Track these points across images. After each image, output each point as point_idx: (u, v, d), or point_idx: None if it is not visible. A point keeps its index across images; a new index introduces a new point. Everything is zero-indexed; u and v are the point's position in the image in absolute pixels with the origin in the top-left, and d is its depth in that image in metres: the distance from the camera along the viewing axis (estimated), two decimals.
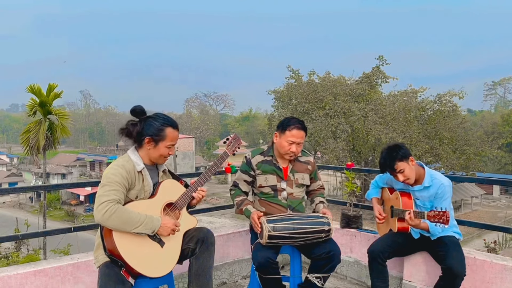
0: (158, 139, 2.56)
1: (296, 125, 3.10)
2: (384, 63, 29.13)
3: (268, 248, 2.88)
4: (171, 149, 2.62)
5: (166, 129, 2.57)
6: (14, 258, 15.62)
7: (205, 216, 4.59)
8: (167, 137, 2.57)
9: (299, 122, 3.14)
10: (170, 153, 2.62)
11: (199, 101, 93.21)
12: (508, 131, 49.98)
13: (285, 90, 30.81)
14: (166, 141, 2.57)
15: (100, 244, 2.49)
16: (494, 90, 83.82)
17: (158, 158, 2.61)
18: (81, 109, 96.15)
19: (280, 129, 3.14)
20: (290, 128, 3.08)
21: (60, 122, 19.72)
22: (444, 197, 2.98)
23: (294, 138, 3.07)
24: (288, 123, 3.12)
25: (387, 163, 3.01)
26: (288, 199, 3.17)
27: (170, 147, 2.60)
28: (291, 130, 3.08)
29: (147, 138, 2.55)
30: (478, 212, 35.63)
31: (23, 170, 55.50)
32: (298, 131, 3.08)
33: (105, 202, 2.33)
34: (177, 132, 2.64)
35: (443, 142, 27.60)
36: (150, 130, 2.55)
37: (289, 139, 3.07)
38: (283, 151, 3.11)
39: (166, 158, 2.65)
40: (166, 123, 2.59)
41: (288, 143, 3.08)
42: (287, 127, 3.10)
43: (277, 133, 3.17)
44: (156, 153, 2.58)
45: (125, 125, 2.59)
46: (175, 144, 2.65)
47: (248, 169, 3.23)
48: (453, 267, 2.83)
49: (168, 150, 2.61)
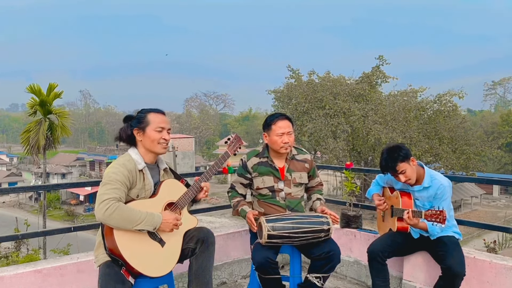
0: (143, 126, 2.57)
1: (279, 117, 3.13)
2: (384, 63, 29.14)
3: (267, 248, 2.88)
4: (162, 132, 2.58)
5: (148, 114, 2.60)
6: (13, 258, 15.61)
7: (205, 216, 4.59)
8: (151, 121, 2.58)
9: (281, 114, 3.18)
10: (164, 138, 2.59)
11: (199, 100, 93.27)
12: (508, 131, 49.99)
13: (285, 90, 30.80)
14: (152, 125, 2.57)
15: (100, 243, 2.49)
16: (494, 90, 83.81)
17: (152, 145, 2.58)
18: (81, 109, 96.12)
19: (266, 128, 3.15)
20: (274, 121, 3.11)
21: (60, 121, 19.72)
22: (444, 197, 2.98)
23: (282, 129, 3.07)
24: (271, 118, 3.16)
25: (389, 164, 3.00)
26: (287, 199, 3.16)
27: (159, 130, 2.58)
28: (276, 123, 3.10)
29: (135, 130, 2.58)
30: (478, 212, 35.65)
31: (23, 169, 55.49)
32: (282, 121, 3.10)
33: (106, 200, 2.33)
34: (162, 115, 2.62)
35: (443, 142, 27.61)
36: (134, 122, 2.60)
37: (278, 131, 3.08)
38: (277, 146, 3.10)
39: (162, 145, 2.60)
40: (146, 110, 2.63)
41: (279, 136, 3.07)
42: (271, 122, 3.12)
43: (265, 133, 3.17)
44: (147, 140, 2.57)
45: (118, 133, 2.65)
46: (166, 128, 2.60)
47: (244, 172, 3.23)
48: (453, 267, 2.84)
49: (159, 134, 2.58)
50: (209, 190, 2.83)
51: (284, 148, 3.10)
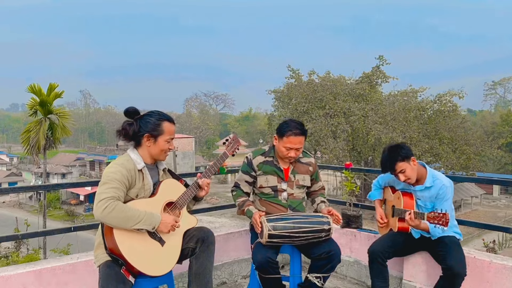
0: (156, 134, 2.57)
1: (294, 131, 3.01)
2: (384, 63, 29.14)
3: (268, 247, 2.88)
4: (170, 143, 2.62)
5: (163, 123, 2.59)
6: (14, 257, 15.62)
7: (205, 216, 4.59)
8: (165, 131, 2.59)
9: (297, 127, 3.04)
10: (170, 148, 2.63)
11: (199, 100, 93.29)
12: (508, 131, 49.98)
13: (285, 90, 30.81)
14: (164, 135, 2.58)
15: (100, 243, 2.49)
16: (494, 90, 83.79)
17: (159, 154, 2.61)
18: (81, 108, 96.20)
19: (278, 134, 3.11)
20: (287, 134, 3.02)
21: (61, 121, 19.71)
22: (445, 197, 2.97)
23: (291, 145, 3.03)
24: (286, 128, 3.05)
25: (388, 163, 3.00)
26: (289, 199, 3.16)
27: (169, 141, 2.61)
28: (288, 137, 3.02)
29: (146, 135, 2.56)
30: (478, 212, 35.63)
31: (23, 169, 55.51)
32: (295, 137, 3.02)
33: (104, 199, 2.33)
34: (174, 126, 2.66)
35: (443, 142, 27.61)
36: (147, 127, 2.56)
37: (287, 145, 3.04)
38: (282, 156, 3.12)
39: (166, 154, 2.65)
40: (162, 118, 2.60)
41: (286, 149, 3.05)
42: (284, 133, 3.04)
43: (276, 136, 3.15)
44: (157, 149, 2.59)
45: (122, 126, 2.58)
46: (173, 138, 2.65)
47: (249, 169, 3.22)
48: (454, 267, 2.83)
49: (168, 145, 2.61)
50: (209, 186, 2.83)
51: (288, 159, 3.12)
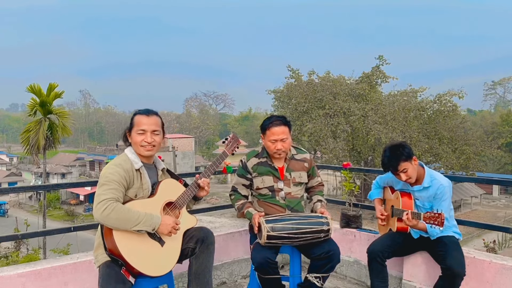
0: (130, 128, 2.63)
1: (274, 122, 3.06)
2: (384, 63, 29.16)
3: (267, 248, 2.88)
4: (143, 135, 2.57)
5: (135, 117, 2.64)
6: (13, 257, 15.62)
7: (205, 216, 4.58)
8: (135, 123, 2.61)
9: (278, 119, 3.09)
10: (145, 140, 2.57)
11: (199, 100, 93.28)
12: (507, 131, 50.01)
13: (285, 90, 30.82)
14: (135, 127, 2.60)
15: (100, 243, 2.49)
16: (494, 90, 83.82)
17: (136, 147, 2.62)
18: (81, 108, 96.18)
19: (262, 130, 3.14)
20: (269, 127, 3.06)
21: (60, 121, 19.72)
22: (443, 198, 2.97)
23: (275, 136, 3.04)
24: (267, 122, 3.10)
25: (391, 162, 2.99)
26: (286, 198, 3.15)
27: (140, 133, 2.58)
28: (270, 129, 3.06)
29: (127, 132, 2.64)
30: (477, 212, 35.63)
31: (22, 169, 55.47)
32: (277, 127, 3.04)
33: (104, 201, 2.34)
34: (146, 117, 2.60)
35: (442, 142, 27.63)
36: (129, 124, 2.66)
37: (271, 138, 3.06)
38: (270, 151, 3.11)
39: (145, 147, 2.58)
40: (136, 112, 2.66)
41: (272, 142, 3.06)
42: (266, 127, 3.08)
43: (262, 135, 3.16)
44: (133, 143, 2.62)
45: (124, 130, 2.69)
46: (148, 130, 2.57)
47: (244, 172, 3.22)
48: (453, 267, 2.83)
49: (140, 137, 2.57)
50: (209, 186, 2.83)
51: (277, 154, 3.10)
